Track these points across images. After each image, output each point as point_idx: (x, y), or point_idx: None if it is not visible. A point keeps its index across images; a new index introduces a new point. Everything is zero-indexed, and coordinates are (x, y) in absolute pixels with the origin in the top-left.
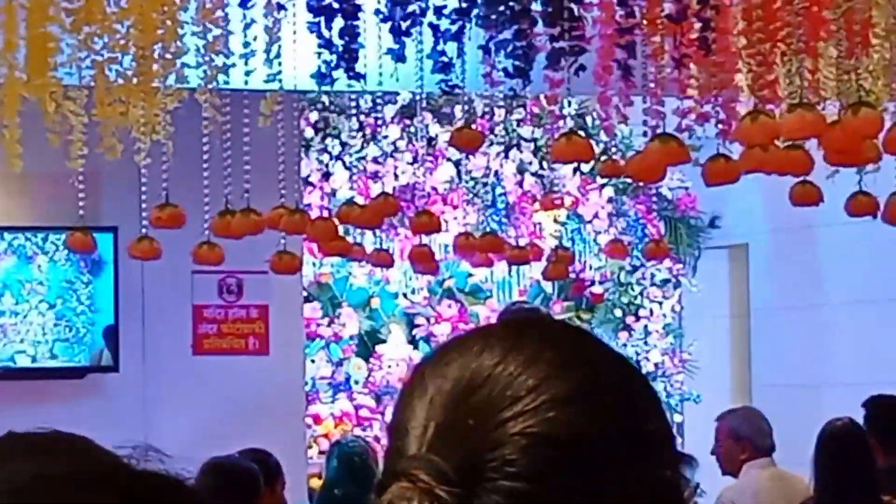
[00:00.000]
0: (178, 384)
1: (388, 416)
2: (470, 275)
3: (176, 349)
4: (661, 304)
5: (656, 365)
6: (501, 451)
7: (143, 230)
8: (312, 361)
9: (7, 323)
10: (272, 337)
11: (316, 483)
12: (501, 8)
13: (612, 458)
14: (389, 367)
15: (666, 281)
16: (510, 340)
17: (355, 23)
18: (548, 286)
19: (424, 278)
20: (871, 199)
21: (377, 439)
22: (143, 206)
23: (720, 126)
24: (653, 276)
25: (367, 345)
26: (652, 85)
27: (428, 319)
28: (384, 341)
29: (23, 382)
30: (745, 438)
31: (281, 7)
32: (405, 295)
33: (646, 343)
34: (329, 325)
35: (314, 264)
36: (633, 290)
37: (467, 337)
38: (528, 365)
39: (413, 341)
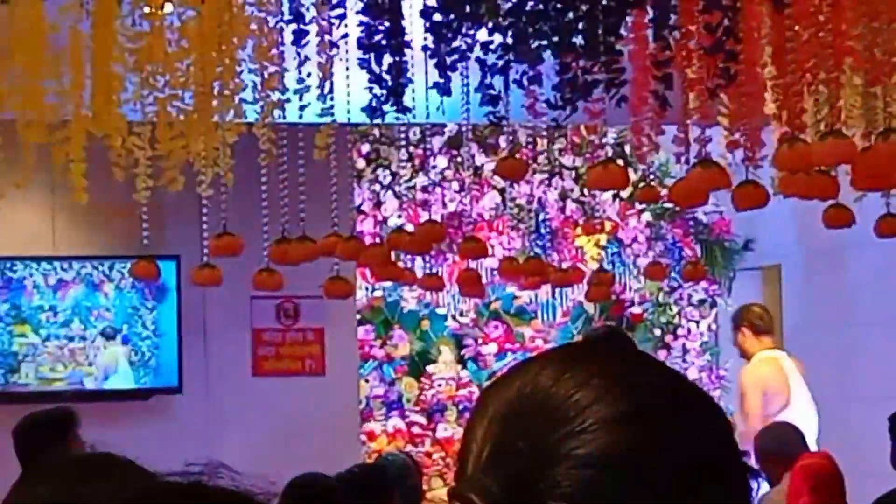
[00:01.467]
0: (239, 404)
1: (440, 433)
2: (515, 297)
3: (236, 371)
4: (697, 323)
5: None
6: (550, 471)
7: (205, 258)
8: (366, 381)
9: (76, 347)
10: (328, 358)
11: None
12: (545, 42)
13: (659, 479)
14: (439, 385)
15: (702, 301)
16: (565, 363)
17: (403, 59)
18: (590, 307)
19: (472, 301)
20: None
21: (429, 455)
22: (205, 235)
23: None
24: (690, 296)
25: (418, 365)
26: (683, 115)
27: (476, 340)
28: (434, 361)
29: (91, 404)
30: (773, 454)
31: (333, 45)
32: (454, 317)
33: (684, 361)
34: (382, 347)
35: (367, 289)
36: (671, 310)
37: (528, 360)
38: (580, 387)
39: (462, 361)
